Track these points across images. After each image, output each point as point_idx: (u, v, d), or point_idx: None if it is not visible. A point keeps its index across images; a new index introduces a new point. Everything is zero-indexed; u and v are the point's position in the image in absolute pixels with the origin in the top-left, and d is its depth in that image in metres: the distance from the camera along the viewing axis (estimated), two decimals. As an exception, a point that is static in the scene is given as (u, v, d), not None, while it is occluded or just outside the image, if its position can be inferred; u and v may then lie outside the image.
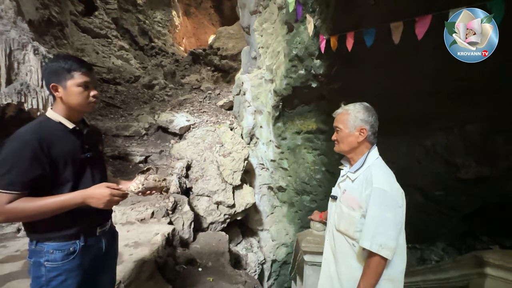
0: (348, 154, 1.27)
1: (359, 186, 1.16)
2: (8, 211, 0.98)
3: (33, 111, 2.22)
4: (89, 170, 1.22)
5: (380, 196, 1.07)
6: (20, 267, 1.85)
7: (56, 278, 1.09)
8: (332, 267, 1.25)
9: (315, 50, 2.93)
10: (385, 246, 1.03)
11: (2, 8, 2.15)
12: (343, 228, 1.18)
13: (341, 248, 1.21)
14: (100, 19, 9.13)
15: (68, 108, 1.15)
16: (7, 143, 1.01)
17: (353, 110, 1.22)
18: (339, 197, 1.26)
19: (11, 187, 0.98)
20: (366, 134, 1.20)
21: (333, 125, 1.29)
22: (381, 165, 1.19)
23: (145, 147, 4.33)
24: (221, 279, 2.50)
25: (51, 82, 1.11)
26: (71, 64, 1.10)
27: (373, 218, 1.07)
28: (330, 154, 3.77)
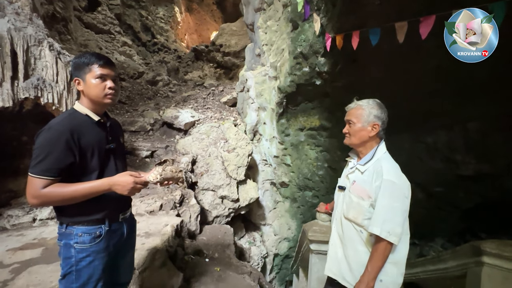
0: (358, 148, 1.35)
1: (368, 178, 1.25)
2: (44, 195, 1.06)
3: (49, 105, 2.29)
4: (112, 160, 1.31)
5: (389, 187, 1.17)
6: (39, 253, 1.95)
7: (85, 259, 1.18)
8: (340, 252, 1.35)
9: (320, 48, 2.99)
10: (392, 232, 1.13)
11: (19, 5, 2.21)
12: (351, 216, 1.27)
13: (349, 234, 1.30)
14: (103, 15, 9.15)
15: (90, 101, 1.22)
16: (43, 133, 1.09)
17: (368, 106, 1.30)
18: (347, 187, 1.34)
19: (47, 173, 1.06)
20: (378, 129, 1.28)
21: (345, 119, 1.37)
22: (389, 159, 1.28)
23: (151, 142, 4.41)
24: (227, 269, 2.60)
25: (74, 76, 1.19)
26: (89, 58, 1.18)
27: (383, 207, 1.16)
28: (332, 151, 3.85)
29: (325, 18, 2.54)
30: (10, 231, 2.32)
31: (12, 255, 1.92)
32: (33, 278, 1.66)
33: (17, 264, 1.81)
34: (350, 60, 2.83)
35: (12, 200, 2.48)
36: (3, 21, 2.05)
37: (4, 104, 2.02)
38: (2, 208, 2.42)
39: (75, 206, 1.14)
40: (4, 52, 2.00)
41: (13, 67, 2.05)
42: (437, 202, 3.78)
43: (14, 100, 2.05)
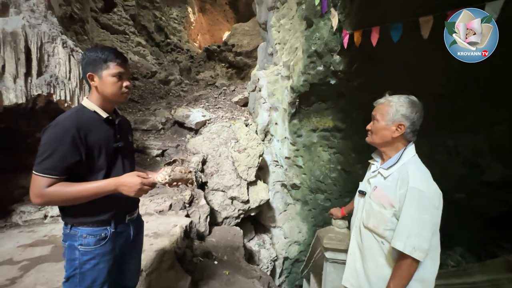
0: (381, 148, 1.23)
1: (392, 184, 1.12)
2: (47, 195, 1.02)
3: (61, 102, 2.30)
4: (120, 159, 1.26)
5: (416, 196, 1.03)
6: (49, 251, 1.94)
7: (89, 262, 1.13)
8: (358, 263, 1.24)
9: (335, 46, 2.88)
10: (418, 248, 1.01)
11: (34, 2, 2.23)
12: (371, 225, 1.15)
13: (368, 245, 1.18)
14: (118, 16, 9.33)
15: (103, 97, 1.18)
16: (49, 130, 1.05)
17: (396, 102, 1.15)
18: (368, 193, 1.23)
19: (51, 172, 1.02)
20: (403, 131, 1.14)
21: (372, 114, 1.25)
22: (417, 164, 1.14)
23: (162, 141, 4.41)
24: (236, 273, 2.53)
25: (88, 71, 1.14)
26: (107, 54, 1.13)
27: (409, 218, 1.03)
28: (346, 153, 3.72)
29: (343, 13, 2.43)
30: (22, 227, 2.34)
31: (23, 252, 1.92)
32: (40, 277, 1.64)
33: (26, 261, 1.81)
34: (368, 58, 2.71)
35: (25, 196, 2.51)
36: (18, 18, 2.07)
37: (17, 100, 2.03)
38: (15, 204, 2.46)
39: (80, 206, 1.09)
40: (19, 48, 2.02)
41: (26, 64, 2.07)
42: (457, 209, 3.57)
43: (27, 96, 2.07)
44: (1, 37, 1.95)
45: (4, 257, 1.84)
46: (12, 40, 2.01)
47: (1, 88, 1.98)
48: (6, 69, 2.01)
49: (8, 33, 1.99)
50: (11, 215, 2.39)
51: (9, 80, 2.02)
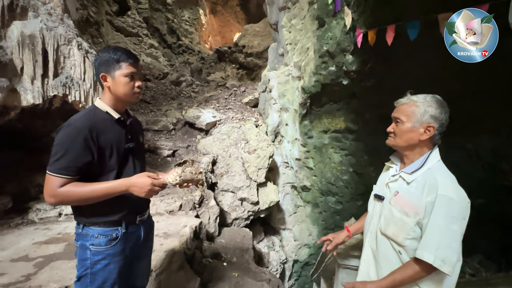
0: (404, 151, 1.15)
1: (417, 191, 1.04)
2: (60, 194, 1.03)
3: (76, 103, 2.36)
4: (131, 160, 1.26)
5: (446, 204, 0.96)
6: (62, 249, 1.98)
7: (100, 262, 1.13)
8: (372, 271, 1.18)
9: (348, 45, 2.82)
10: (447, 261, 0.94)
11: (51, 6, 2.30)
12: (390, 232, 1.08)
13: (384, 253, 1.12)
14: (132, 19, 9.53)
15: (115, 98, 1.18)
16: (62, 130, 1.06)
17: (424, 102, 1.07)
18: (387, 198, 1.16)
19: (64, 172, 1.03)
20: (432, 133, 1.06)
21: (392, 115, 1.17)
22: (444, 169, 1.07)
23: (173, 141, 4.45)
24: (246, 275, 2.50)
25: (101, 71, 1.15)
26: (120, 55, 1.14)
27: (437, 228, 0.96)
28: (358, 155, 3.63)
29: (357, 12, 2.37)
30: (37, 224, 2.41)
31: (37, 249, 1.97)
32: (54, 274, 1.67)
33: (41, 258, 1.85)
34: (382, 58, 2.63)
35: (41, 194, 2.58)
36: (36, 21, 2.13)
37: (34, 101, 2.10)
38: (32, 201, 2.53)
39: (92, 206, 1.10)
40: (36, 51, 2.08)
41: (43, 66, 2.13)
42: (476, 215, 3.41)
43: (43, 97, 2.13)
44: (20, 40, 2.02)
45: (20, 253, 1.90)
46: (30, 43, 2.08)
47: (19, 89, 2.05)
48: (25, 71, 2.08)
49: (27, 36, 2.06)
50: (28, 212, 2.47)
51: (27, 82, 2.09)
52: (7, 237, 2.13)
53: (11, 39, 2.02)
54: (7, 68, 1.98)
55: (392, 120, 1.17)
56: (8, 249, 1.95)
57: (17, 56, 2.03)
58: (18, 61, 2.04)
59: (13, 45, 2.01)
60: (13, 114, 2.13)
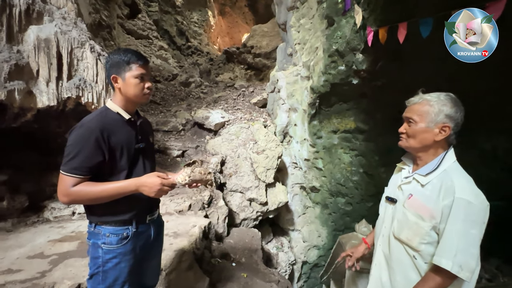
0: (417, 152, 1.11)
1: (433, 193, 1.00)
2: (73, 193, 1.05)
3: (89, 104, 2.42)
4: (141, 160, 1.27)
5: (464, 208, 0.92)
6: (75, 247, 2.03)
7: (111, 260, 1.15)
8: (385, 275, 1.14)
9: (358, 44, 2.78)
10: (465, 267, 0.90)
11: (65, 10, 2.37)
12: (404, 237, 1.05)
13: (398, 258, 1.09)
14: (142, 21, 9.70)
15: (126, 99, 1.20)
16: (74, 131, 1.08)
17: (437, 101, 1.03)
18: (401, 201, 1.12)
19: (77, 171, 1.05)
20: (448, 133, 1.02)
21: (404, 116, 1.13)
22: (460, 171, 1.02)
23: (182, 142, 4.50)
24: (254, 276, 2.49)
25: (112, 73, 1.17)
26: (130, 57, 1.16)
27: (455, 233, 0.93)
28: (369, 155, 3.57)
29: (367, 10, 2.33)
30: (52, 222, 2.48)
31: (52, 246, 2.02)
32: (68, 271, 1.71)
33: (55, 256, 1.90)
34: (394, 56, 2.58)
35: (55, 193, 2.65)
36: (51, 25, 2.20)
37: (49, 103, 2.16)
38: (47, 200, 2.61)
39: (103, 205, 1.12)
40: (51, 54, 2.15)
41: (58, 68, 2.20)
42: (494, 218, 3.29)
43: (58, 99, 2.20)
44: (36, 43, 2.09)
45: (36, 250, 1.96)
46: (45, 46, 2.14)
47: (35, 91, 2.12)
48: (40, 73, 2.15)
49: (42, 40, 2.13)
50: (43, 211, 2.55)
51: (42, 84, 2.16)
52: (23, 235, 2.21)
53: (28, 43, 2.09)
54: (24, 71, 2.05)
55: (404, 120, 1.13)
56: (25, 246, 2.01)
57: (33, 60, 2.10)
58: (34, 64, 2.11)
59: (29, 49, 2.08)
60: (29, 116, 2.20)
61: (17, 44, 2.05)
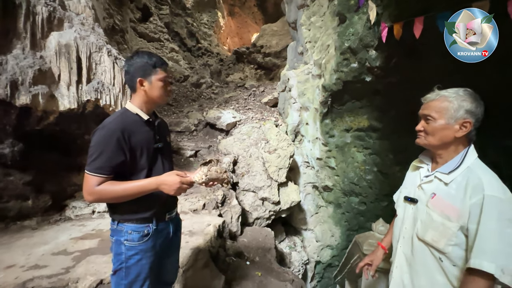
0: (437, 150, 1.08)
1: (459, 192, 0.97)
2: (98, 192, 1.10)
3: (106, 106, 2.50)
4: (160, 159, 1.31)
5: (496, 206, 0.88)
6: (96, 244, 2.11)
7: (133, 257, 1.19)
8: (406, 278, 1.11)
9: (371, 40, 2.73)
10: (506, 270, 0.84)
11: (84, 16, 2.46)
12: (430, 238, 1.01)
13: (422, 260, 1.05)
14: (154, 24, 9.89)
15: (148, 100, 1.24)
16: (97, 132, 1.13)
17: (457, 97, 1.00)
18: (422, 200, 1.09)
19: (101, 171, 1.09)
20: (469, 129, 0.98)
21: (421, 113, 1.10)
22: (484, 167, 0.99)
23: (195, 142, 4.56)
24: (269, 275, 2.51)
25: (138, 76, 1.20)
26: (155, 60, 1.20)
27: (491, 234, 0.88)
28: (383, 154, 3.50)
29: (381, 5, 2.29)
30: (73, 221, 2.58)
31: (74, 244, 2.11)
32: (90, 268, 1.78)
33: (78, 253, 1.98)
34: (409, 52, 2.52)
35: (76, 193, 2.77)
36: (71, 31, 2.29)
37: (70, 106, 2.25)
38: (68, 200, 2.72)
39: (125, 204, 1.16)
40: (71, 59, 2.24)
41: (78, 72, 2.29)
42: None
43: (78, 102, 2.29)
44: (57, 49, 2.19)
45: (60, 247, 2.04)
46: (66, 51, 2.23)
47: (57, 95, 2.22)
48: (61, 78, 2.25)
49: (63, 45, 2.22)
50: (65, 209, 2.65)
51: (63, 88, 2.25)
52: (47, 232, 2.31)
53: (50, 49, 2.19)
54: (46, 76, 2.15)
55: (420, 118, 1.10)
56: (49, 243, 2.10)
57: (55, 64, 2.20)
58: (56, 69, 2.20)
59: (51, 54, 2.18)
60: (51, 118, 2.30)
61: (40, 50, 2.15)
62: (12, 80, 1.94)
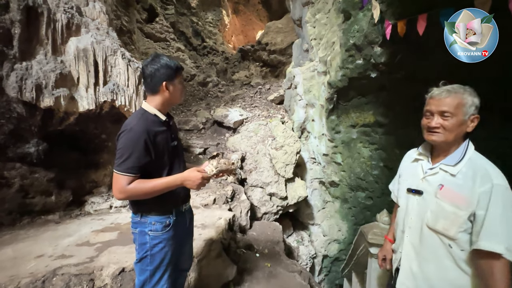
0: (448, 145, 1.13)
1: (466, 182, 1.03)
2: (129, 191, 1.19)
3: (121, 107, 2.63)
4: (176, 156, 1.42)
5: (503, 193, 0.97)
6: (116, 236, 2.24)
7: (157, 245, 1.31)
8: (415, 266, 1.17)
9: (376, 37, 2.77)
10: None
11: (99, 21, 2.59)
12: (441, 227, 1.07)
13: (432, 248, 1.12)
14: (160, 24, 10.03)
15: (168, 102, 1.34)
16: (125, 134, 1.21)
17: (469, 93, 1.06)
18: (429, 192, 1.14)
19: (131, 171, 1.19)
20: (476, 123, 1.06)
21: (435, 110, 1.10)
22: (485, 158, 1.07)
23: (203, 140, 4.69)
24: (278, 266, 2.61)
25: (163, 80, 1.28)
26: (175, 65, 1.30)
27: (498, 218, 0.96)
28: (389, 149, 3.54)
29: (385, 3, 2.34)
30: (93, 215, 2.73)
31: (96, 236, 2.25)
32: (112, 257, 1.92)
33: (99, 244, 2.12)
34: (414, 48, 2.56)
35: (94, 189, 2.93)
36: (88, 36, 2.42)
37: (89, 107, 2.39)
38: (87, 195, 2.88)
39: (150, 198, 1.25)
40: (89, 62, 2.37)
41: (95, 75, 2.42)
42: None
43: (96, 103, 2.42)
44: (76, 53, 2.32)
45: (83, 239, 2.19)
46: (84, 56, 2.36)
47: (76, 97, 2.36)
48: (80, 80, 2.38)
49: (81, 50, 2.35)
50: (84, 205, 2.81)
51: (82, 90, 2.39)
52: (70, 226, 2.46)
53: (69, 53, 2.32)
54: (67, 79, 2.29)
55: (432, 114, 1.12)
56: (73, 235, 2.25)
57: (74, 68, 2.33)
58: (75, 72, 2.34)
59: (70, 59, 2.31)
60: (71, 119, 2.44)
61: (60, 55, 2.28)
62: (36, 84, 2.08)
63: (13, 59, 2.04)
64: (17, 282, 1.60)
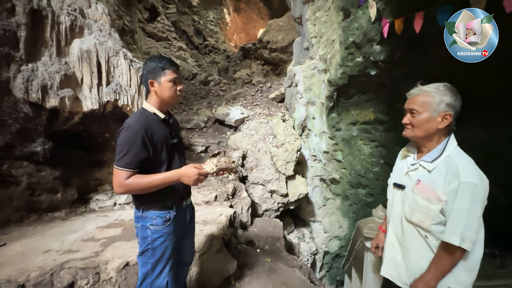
0: (422, 141, 1.20)
1: (439, 178, 1.10)
2: (127, 185, 1.25)
3: (124, 106, 2.69)
4: (176, 154, 1.47)
5: (470, 190, 1.03)
6: (120, 232, 2.31)
7: (158, 239, 1.36)
8: (398, 255, 1.24)
9: (375, 35, 2.79)
10: (468, 238, 1.02)
11: (101, 22, 2.64)
12: (416, 219, 1.15)
13: (411, 239, 1.19)
14: (161, 24, 10.09)
15: (160, 100, 1.39)
16: (123, 131, 1.27)
17: (438, 92, 1.12)
18: (409, 186, 1.21)
19: (129, 166, 1.25)
20: (449, 120, 1.11)
21: (406, 107, 1.22)
22: (462, 155, 1.11)
23: (205, 138, 4.74)
24: (278, 261, 2.66)
25: (149, 78, 1.35)
26: (164, 63, 1.34)
27: (462, 213, 1.03)
28: (390, 146, 3.56)
29: (383, 1, 2.36)
30: (97, 212, 2.81)
31: (101, 232, 2.32)
32: (116, 252, 1.98)
33: (104, 239, 2.19)
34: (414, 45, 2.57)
35: (99, 187, 3.00)
36: (91, 38, 2.48)
37: (93, 107, 2.45)
38: (92, 193, 2.95)
39: (149, 194, 1.31)
40: (92, 63, 2.42)
41: (98, 75, 2.48)
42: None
43: (99, 103, 2.48)
44: (80, 55, 2.38)
45: (88, 235, 2.26)
46: (87, 57, 2.42)
47: (80, 97, 2.42)
48: (84, 81, 2.44)
49: (84, 51, 2.41)
50: (89, 202, 2.89)
51: (86, 90, 2.45)
52: (75, 222, 2.54)
53: (73, 55, 2.38)
54: (71, 80, 2.35)
55: (406, 112, 1.22)
56: (78, 231, 2.33)
57: (78, 69, 2.39)
58: (79, 73, 2.40)
59: (74, 60, 2.37)
60: (76, 119, 2.51)
61: (64, 56, 2.35)
62: (42, 85, 2.14)
63: (19, 61, 2.11)
64: (26, 275, 1.67)
